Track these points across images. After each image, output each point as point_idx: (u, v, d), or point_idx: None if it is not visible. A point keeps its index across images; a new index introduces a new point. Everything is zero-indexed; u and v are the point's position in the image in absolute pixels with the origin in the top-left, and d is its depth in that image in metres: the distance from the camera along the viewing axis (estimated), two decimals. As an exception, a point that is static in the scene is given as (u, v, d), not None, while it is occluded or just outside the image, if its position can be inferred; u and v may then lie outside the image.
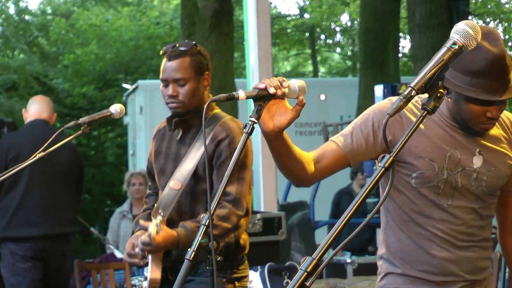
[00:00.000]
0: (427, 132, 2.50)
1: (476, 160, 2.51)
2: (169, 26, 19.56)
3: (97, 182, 18.03)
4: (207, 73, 3.39)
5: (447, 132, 2.50)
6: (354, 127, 2.52)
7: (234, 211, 3.26)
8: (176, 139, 3.43)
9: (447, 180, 2.50)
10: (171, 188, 3.35)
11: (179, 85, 3.32)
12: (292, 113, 2.26)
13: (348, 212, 1.80)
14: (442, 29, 12.35)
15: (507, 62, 2.37)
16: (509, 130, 2.59)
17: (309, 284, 1.72)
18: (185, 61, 3.34)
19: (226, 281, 3.33)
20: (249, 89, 2.22)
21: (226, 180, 2.15)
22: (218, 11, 9.38)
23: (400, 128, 2.49)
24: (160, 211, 3.33)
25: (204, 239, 2.11)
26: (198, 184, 3.34)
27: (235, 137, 3.31)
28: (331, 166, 2.48)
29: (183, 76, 3.32)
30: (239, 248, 3.40)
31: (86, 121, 3.37)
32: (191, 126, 3.40)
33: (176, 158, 3.42)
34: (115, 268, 5.79)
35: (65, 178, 5.55)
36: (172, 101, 3.33)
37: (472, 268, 2.58)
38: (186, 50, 3.34)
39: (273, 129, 2.26)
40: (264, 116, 2.24)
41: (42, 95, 6.08)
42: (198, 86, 3.35)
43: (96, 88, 18.27)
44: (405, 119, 2.49)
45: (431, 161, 2.49)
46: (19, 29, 19.11)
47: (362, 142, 2.49)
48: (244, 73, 9.05)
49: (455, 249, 2.55)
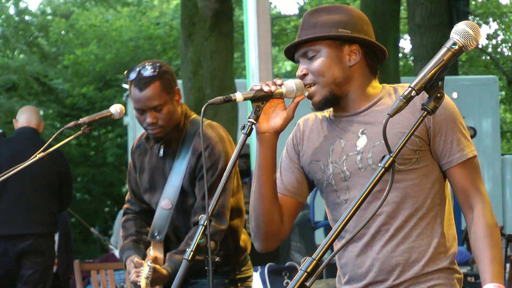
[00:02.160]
0: (313, 135, 2.42)
1: (360, 141, 2.31)
2: (169, 27, 19.55)
3: (97, 182, 18.03)
4: (176, 88, 3.30)
5: (332, 126, 2.39)
6: (280, 167, 2.47)
7: (218, 227, 3.21)
8: (159, 155, 3.38)
9: (334, 174, 2.34)
10: (162, 209, 3.31)
11: (156, 111, 3.23)
12: (286, 112, 2.27)
13: (348, 213, 1.80)
14: (442, 29, 12.37)
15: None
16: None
17: (309, 284, 1.72)
18: (156, 87, 3.21)
19: (228, 282, 3.32)
20: (246, 91, 2.23)
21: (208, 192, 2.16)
22: (218, 11, 9.37)
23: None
24: (156, 234, 3.31)
25: (203, 239, 2.11)
26: (187, 200, 3.31)
27: (215, 146, 3.25)
28: (288, 214, 2.40)
29: (159, 102, 3.21)
30: (240, 251, 3.39)
31: (86, 122, 3.37)
32: (171, 141, 3.33)
33: (163, 174, 3.37)
34: (115, 268, 5.79)
35: (37, 182, 5.72)
36: (152, 128, 3.24)
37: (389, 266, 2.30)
38: (153, 76, 3.21)
39: (267, 130, 2.27)
40: (260, 118, 2.24)
41: (30, 106, 6.53)
42: (173, 106, 3.27)
43: (96, 89, 18.27)
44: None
45: (316, 162, 2.38)
46: (19, 29, 19.10)
47: (291, 175, 2.43)
48: (244, 73, 9.04)
49: (368, 246, 2.30)
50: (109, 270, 5.43)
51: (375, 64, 2.39)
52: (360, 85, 2.35)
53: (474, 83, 12.89)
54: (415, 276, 2.29)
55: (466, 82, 13.14)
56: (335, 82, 2.31)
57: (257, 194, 2.33)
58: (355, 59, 2.33)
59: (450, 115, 2.28)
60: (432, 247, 2.30)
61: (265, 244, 2.40)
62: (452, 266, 2.34)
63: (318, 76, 2.31)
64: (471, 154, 2.30)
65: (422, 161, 2.29)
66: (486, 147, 12.14)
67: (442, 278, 2.31)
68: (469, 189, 2.29)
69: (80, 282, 5.40)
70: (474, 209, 2.27)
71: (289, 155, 2.46)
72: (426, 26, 12.52)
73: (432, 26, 12.49)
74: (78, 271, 5.31)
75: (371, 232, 2.30)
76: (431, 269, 2.30)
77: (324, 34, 2.30)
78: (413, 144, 2.27)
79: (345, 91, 2.34)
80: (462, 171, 2.29)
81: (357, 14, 2.38)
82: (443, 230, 2.33)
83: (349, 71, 2.33)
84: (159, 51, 19.12)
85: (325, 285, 5.70)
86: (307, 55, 2.33)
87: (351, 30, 2.32)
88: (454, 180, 2.31)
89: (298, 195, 2.43)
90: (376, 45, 2.35)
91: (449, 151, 2.28)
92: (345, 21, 2.33)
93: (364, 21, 2.38)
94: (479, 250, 2.23)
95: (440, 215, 2.33)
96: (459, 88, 11.92)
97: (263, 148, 2.28)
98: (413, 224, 2.29)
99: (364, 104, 2.35)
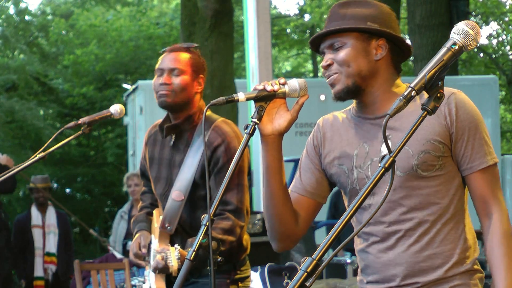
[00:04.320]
0: (335, 138, 2.41)
1: (384, 147, 2.21)
2: (168, 27, 19.55)
3: (97, 182, 18.03)
4: (201, 76, 3.37)
5: (355, 129, 2.37)
6: (300, 167, 2.47)
7: (238, 222, 3.26)
8: (169, 145, 3.41)
9: (359, 179, 2.33)
10: (174, 200, 3.33)
11: (173, 75, 3.31)
12: (290, 114, 2.26)
13: (348, 213, 1.80)
14: (442, 29, 12.37)
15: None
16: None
17: (309, 284, 1.72)
18: (184, 56, 3.34)
19: (229, 282, 3.33)
20: (249, 91, 2.23)
21: (225, 187, 2.15)
22: (218, 11, 9.37)
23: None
24: (167, 225, 3.32)
25: (205, 239, 2.11)
26: (197, 191, 3.33)
27: (231, 141, 3.29)
28: (305, 215, 2.41)
29: (180, 67, 3.31)
30: (242, 249, 3.40)
31: (86, 122, 3.37)
32: (183, 132, 3.37)
33: (170, 164, 3.39)
34: (115, 268, 5.80)
35: None
36: (163, 88, 3.30)
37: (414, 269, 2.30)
38: (187, 47, 3.36)
39: (272, 132, 2.26)
40: (263, 119, 2.24)
41: None
42: (191, 82, 3.33)
43: (96, 89, 18.26)
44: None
45: (340, 166, 2.37)
46: (19, 29, 19.10)
47: (311, 176, 2.43)
48: (244, 73, 9.04)
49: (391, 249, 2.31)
50: (109, 270, 5.43)
51: (400, 61, 2.37)
52: (384, 81, 2.33)
53: (474, 83, 12.88)
54: (437, 279, 2.28)
55: (466, 82, 13.14)
56: (360, 74, 2.29)
57: (267, 196, 2.33)
58: (382, 54, 2.31)
59: (474, 121, 2.26)
60: (456, 253, 2.29)
61: (281, 244, 2.40)
62: (474, 267, 2.32)
63: (343, 65, 2.29)
64: (492, 161, 2.29)
65: (445, 167, 2.27)
66: (486, 147, 12.10)
67: (464, 279, 2.30)
68: (488, 196, 2.27)
69: (80, 282, 5.40)
70: (492, 216, 2.26)
71: (309, 156, 2.45)
72: (426, 26, 12.52)
73: (432, 26, 12.49)
74: (78, 271, 5.32)
75: (397, 236, 2.29)
76: (453, 273, 2.29)
77: (353, 26, 2.29)
78: (436, 150, 2.25)
79: (369, 85, 2.31)
80: (482, 178, 2.28)
81: (386, 9, 2.36)
82: (466, 234, 2.32)
83: (375, 65, 2.31)
84: (159, 51, 19.09)
85: (325, 285, 5.70)
86: (333, 46, 2.32)
87: (379, 25, 2.31)
88: (473, 187, 2.29)
89: (317, 196, 2.43)
90: (403, 41, 2.34)
91: (470, 157, 2.27)
92: (374, 15, 2.31)
93: (392, 17, 2.36)
94: (495, 258, 2.22)
95: (463, 220, 2.32)
96: (459, 88, 11.83)
97: (269, 150, 2.28)
98: (437, 230, 2.28)
99: (388, 107, 2.28)
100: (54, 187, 16.69)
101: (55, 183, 17.26)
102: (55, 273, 8.38)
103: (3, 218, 7.51)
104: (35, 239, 8.33)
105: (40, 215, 8.42)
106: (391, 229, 2.29)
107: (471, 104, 2.26)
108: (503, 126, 22.35)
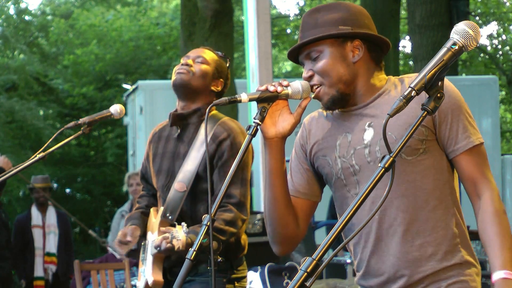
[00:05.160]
0: (318, 132, 2.41)
1: (367, 135, 2.29)
2: (168, 27, 19.55)
3: (97, 182, 18.03)
4: (221, 80, 3.47)
5: (337, 121, 2.38)
6: (290, 168, 2.47)
7: (240, 215, 3.28)
8: (174, 137, 3.45)
9: (343, 168, 2.33)
10: (176, 191, 3.36)
11: (197, 62, 3.42)
12: (293, 117, 2.27)
13: (348, 213, 1.80)
14: (442, 29, 12.36)
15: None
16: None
17: (309, 284, 1.73)
18: (212, 54, 3.49)
19: (226, 281, 3.34)
20: (249, 91, 2.23)
21: (229, 181, 2.15)
22: (218, 11, 9.38)
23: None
24: (168, 215, 3.33)
25: (206, 239, 2.11)
26: (199, 184, 3.35)
27: (236, 137, 3.33)
28: (302, 216, 2.42)
29: (205, 57, 3.44)
30: (240, 248, 3.41)
31: (86, 122, 3.37)
32: (190, 125, 3.42)
33: (174, 156, 3.43)
34: (115, 268, 5.80)
35: None
36: (183, 67, 3.40)
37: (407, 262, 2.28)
38: (216, 52, 3.52)
39: (275, 135, 2.27)
40: (266, 122, 2.25)
41: None
42: (211, 75, 3.42)
43: (96, 89, 18.26)
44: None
45: (323, 157, 2.37)
46: (19, 29, 19.10)
47: (301, 177, 2.43)
48: (244, 73, 9.05)
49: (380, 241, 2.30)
50: (109, 270, 5.43)
51: (379, 56, 2.37)
52: (366, 79, 2.33)
53: (474, 83, 12.88)
54: (434, 272, 2.26)
55: (466, 82, 13.13)
56: (342, 80, 2.30)
57: (270, 199, 2.33)
58: (359, 55, 2.31)
59: (456, 103, 2.25)
60: (447, 239, 2.27)
61: (283, 248, 2.40)
62: (469, 258, 2.29)
63: (324, 76, 2.30)
64: (478, 141, 2.27)
65: (429, 151, 2.26)
66: (486, 147, 12.03)
67: (461, 275, 2.27)
68: (477, 177, 2.25)
69: (80, 282, 5.41)
70: (482, 196, 2.23)
71: (298, 156, 2.46)
72: (426, 26, 12.52)
73: (432, 26, 12.49)
74: (78, 271, 5.32)
75: (385, 227, 2.27)
76: (449, 263, 2.27)
77: (325, 33, 2.29)
78: (419, 134, 2.24)
79: (353, 88, 2.32)
80: (469, 159, 2.25)
81: (356, 9, 2.36)
82: (457, 220, 2.30)
83: (354, 67, 2.31)
84: (159, 51, 19.12)
85: (325, 285, 5.70)
86: (310, 56, 2.33)
87: (351, 26, 2.31)
88: (461, 168, 2.27)
89: (310, 195, 2.44)
90: (378, 37, 2.34)
91: (455, 139, 2.25)
92: (345, 17, 2.31)
93: (364, 15, 2.36)
94: (488, 237, 2.19)
95: (452, 206, 2.30)
96: (459, 88, 11.82)
97: (272, 153, 2.29)
98: (426, 217, 2.26)
99: (369, 97, 2.32)
100: (54, 187, 16.69)
101: (55, 183, 17.26)
102: (55, 273, 8.38)
103: (3, 218, 7.50)
104: (35, 239, 8.33)
105: (40, 215, 8.43)
106: (379, 217, 2.27)
107: (452, 87, 2.25)
108: (503, 126, 22.36)
